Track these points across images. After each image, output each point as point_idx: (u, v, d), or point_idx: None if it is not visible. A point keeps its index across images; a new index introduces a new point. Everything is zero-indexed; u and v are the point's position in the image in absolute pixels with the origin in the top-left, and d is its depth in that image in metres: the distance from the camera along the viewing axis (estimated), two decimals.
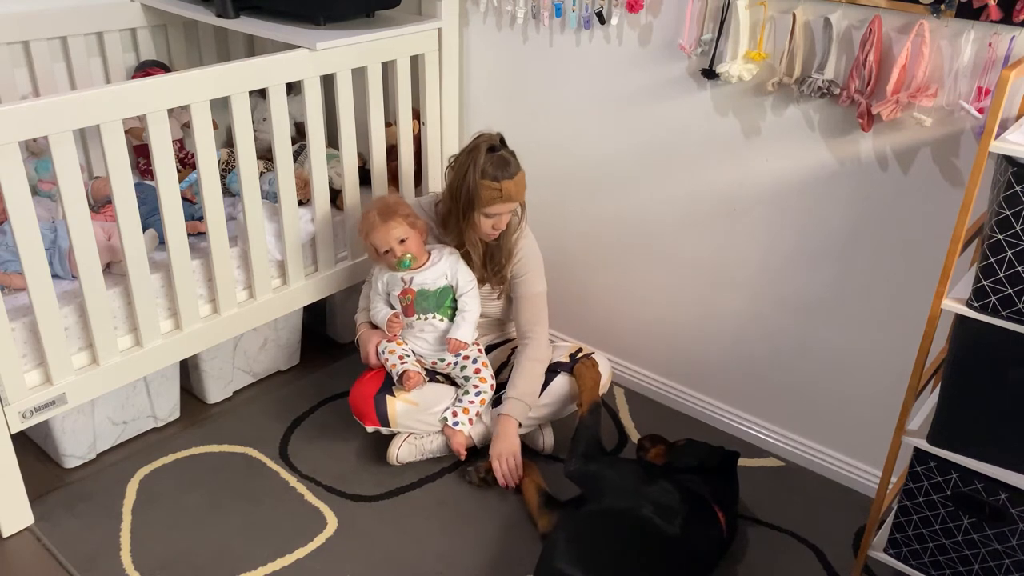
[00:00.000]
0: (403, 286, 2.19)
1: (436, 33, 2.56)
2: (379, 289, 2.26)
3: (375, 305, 2.28)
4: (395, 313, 2.22)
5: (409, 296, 2.19)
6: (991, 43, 1.71)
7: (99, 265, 2.01)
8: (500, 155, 2.10)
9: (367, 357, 2.27)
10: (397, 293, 2.21)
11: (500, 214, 2.14)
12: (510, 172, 2.10)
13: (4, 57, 2.48)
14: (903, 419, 1.76)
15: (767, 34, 2.04)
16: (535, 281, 2.28)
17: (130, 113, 1.94)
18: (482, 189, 2.08)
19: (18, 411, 1.96)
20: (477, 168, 2.07)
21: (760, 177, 2.19)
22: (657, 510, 1.88)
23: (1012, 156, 1.47)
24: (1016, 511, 1.67)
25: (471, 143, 2.12)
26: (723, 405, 2.51)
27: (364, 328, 2.32)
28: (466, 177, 2.08)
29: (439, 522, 2.13)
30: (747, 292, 2.33)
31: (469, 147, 2.12)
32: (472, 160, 2.08)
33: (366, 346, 2.27)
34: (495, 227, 2.16)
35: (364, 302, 2.38)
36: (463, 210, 2.12)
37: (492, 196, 2.09)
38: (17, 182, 1.80)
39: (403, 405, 2.21)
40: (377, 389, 2.22)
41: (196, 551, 2.02)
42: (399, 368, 2.18)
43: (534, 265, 2.28)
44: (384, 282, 2.25)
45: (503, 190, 2.09)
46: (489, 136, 2.12)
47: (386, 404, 2.20)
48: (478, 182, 2.07)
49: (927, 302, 1.76)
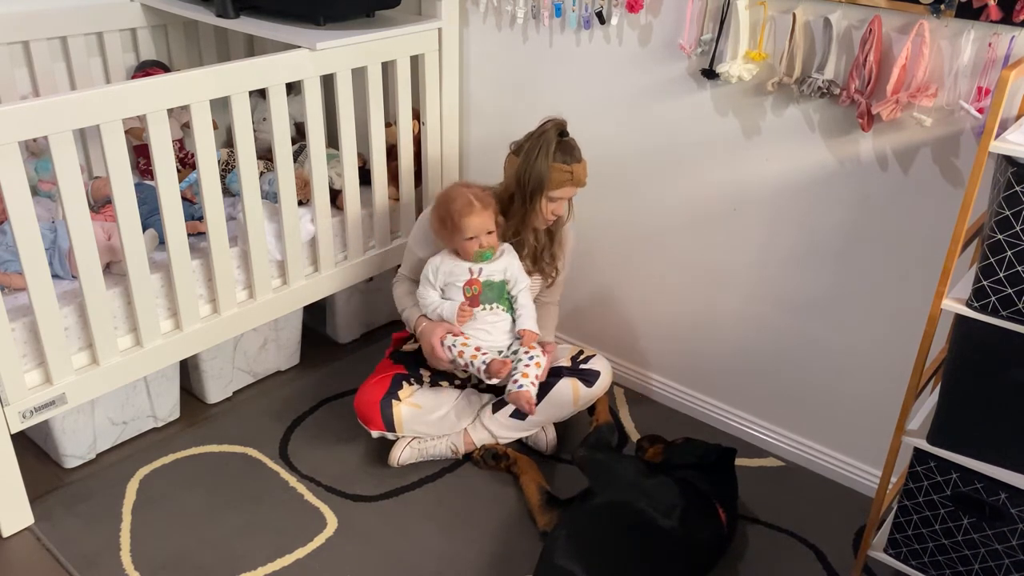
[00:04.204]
0: (469, 276, 2.16)
1: (436, 33, 2.56)
2: (431, 279, 2.20)
3: (427, 295, 2.21)
4: (463, 303, 2.18)
5: (475, 287, 2.17)
6: (991, 43, 1.71)
7: (99, 265, 2.01)
8: (569, 140, 2.13)
9: (432, 351, 2.18)
10: (462, 283, 2.17)
11: (563, 199, 2.16)
12: (578, 156, 2.14)
13: (4, 57, 2.48)
14: (903, 419, 1.76)
15: (767, 34, 2.04)
16: (567, 267, 2.39)
17: (130, 113, 1.94)
18: (553, 172, 2.09)
19: (18, 411, 1.96)
20: (549, 151, 2.08)
21: (760, 177, 2.19)
22: (655, 504, 1.89)
23: (1012, 156, 1.47)
24: (1016, 511, 1.67)
25: (539, 128, 2.12)
26: (723, 405, 2.51)
27: (423, 321, 2.23)
28: (536, 160, 2.08)
29: (439, 522, 2.13)
30: (747, 292, 2.33)
31: (537, 132, 2.12)
32: (543, 143, 2.08)
33: (430, 339, 2.18)
34: (555, 212, 2.17)
35: (406, 291, 2.33)
36: (530, 194, 2.12)
37: (563, 179, 2.10)
38: (17, 182, 1.80)
39: (409, 410, 2.21)
40: (383, 394, 2.21)
41: (196, 551, 2.02)
42: (482, 359, 2.15)
43: (570, 254, 2.39)
44: (442, 271, 2.19)
45: (574, 173, 2.11)
46: (557, 121, 2.12)
47: (392, 409, 2.19)
48: (550, 165, 2.08)
49: (927, 302, 1.76)
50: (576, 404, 2.28)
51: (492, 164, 2.77)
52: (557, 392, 2.26)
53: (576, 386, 2.27)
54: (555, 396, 2.26)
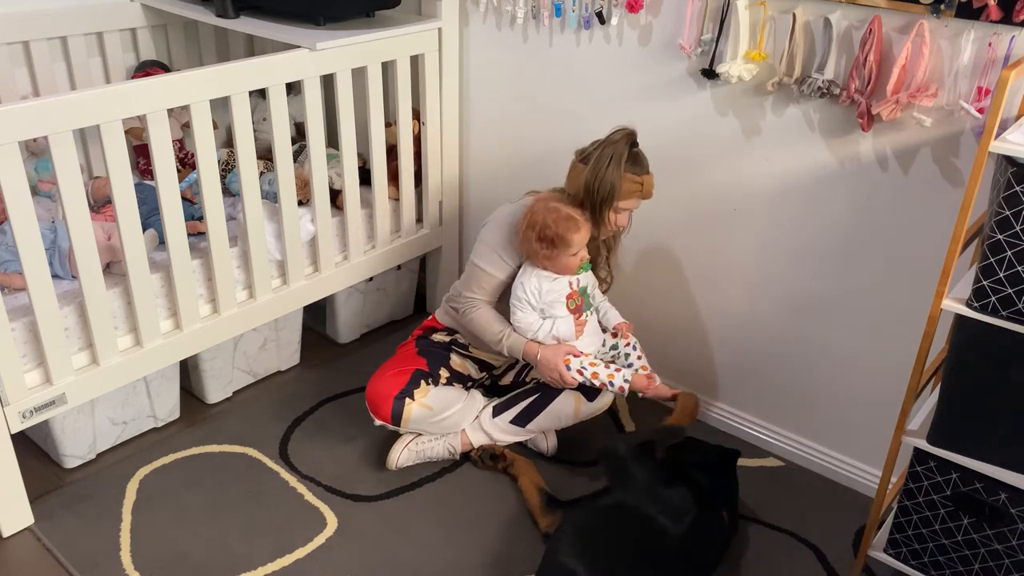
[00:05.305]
0: (570, 289, 2.15)
1: (436, 33, 2.56)
2: (533, 302, 2.14)
3: (530, 318, 2.15)
4: (576, 318, 2.18)
5: (577, 299, 2.17)
6: (991, 43, 1.71)
7: (99, 265, 2.01)
8: (638, 151, 2.10)
9: (561, 378, 2.15)
10: (564, 297, 2.15)
11: (629, 210, 2.15)
12: (647, 168, 2.12)
13: (4, 57, 2.48)
14: (903, 419, 1.76)
15: (767, 34, 2.04)
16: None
17: (130, 113, 1.94)
18: (625, 182, 2.06)
19: (18, 411, 1.96)
20: (620, 162, 2.05)
21: (760, 177, 2.19)
22: (666, 511, 1.89)
23: (1012, 156, 1.47)
24: (1016, 511, 1.67)
25: (608, 136, 2.08)
26: (723, 405, 2.51)
27: (535, 347, 2.16)
28: (608, 169, 2.05)
29: (439, 522, 2.13)
30: (747, 292, 2.33)
31: (607, 141, 2.08)
32: (615, 152, 2.05)
33: (556, 367, 2.13)
34: (619, 223, 2.15)
35: (493, 316, 2.21)
36: (600, 203, 2.08)
37: (632, 190, 2.08)
38: (17, 182, 1.80)
39: (420, 410, 2.19)
40: (399, 390, 2.18)
41: (196, 551, 2.02)
42: (624, 374, 2.15)
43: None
44: (543, 291, 2.13)
45: (643, 185, 2.09)
46: (628, 131, 2.08)
47: (403, 406, 2.18)
48: (622, 175, 2.05)
49: (927, 302, 1.76)
50: (576, 417, 2.28)
51: (492, 164, 2.78)
52: (560, 403, 2.26)
53: (578, 400, 2.26)
54: (556, 408, 2.26)
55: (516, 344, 2.18)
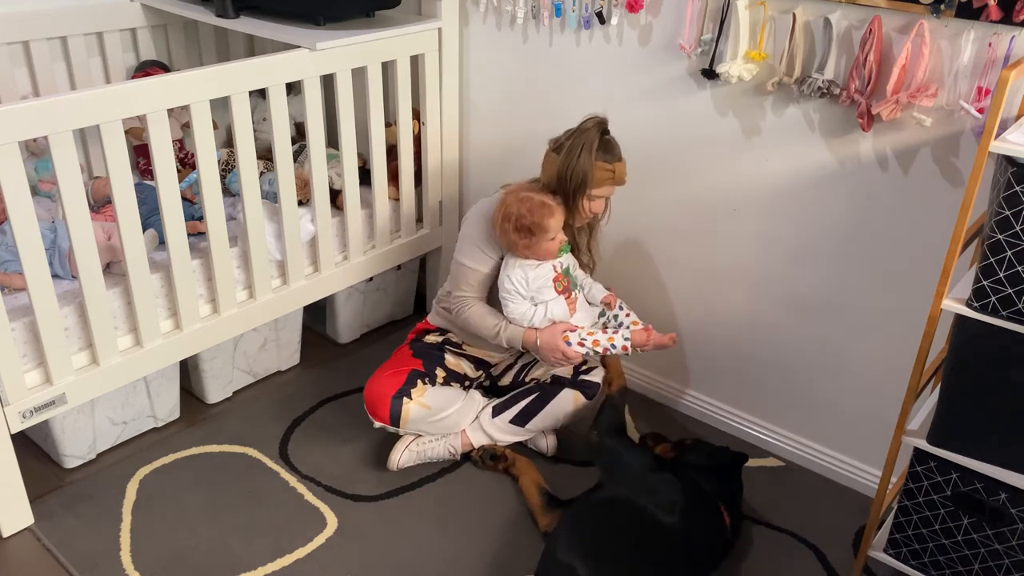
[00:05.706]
0: (555, 272, 2.17)
1: (436, 33, 2.56)
2: (522, 292, 2.15)
3: (519, 306, 2.16)
4: (565, 298, 2.19)
5: (563, 280, 2.18)
6: (991, 43, 1.71)
7: (99, 265, 2.01)
8: (610, 138, 2.11)
9: (564, 357, 2.16)
10: (551, 281, 2.16)
11: (603, 197, 2.15)
12: (619, 155, 2.12)
13: (4, 57, 2.48)
14: (903, 419, 1.76)
15: (767, 34, 2.04)
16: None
17: (130, 113, 1.94)
18: (596, 170, 2.07)
19: (18, 411, 1.96)
20: (592, 150, 2.05)
21: (760, 177, 2.19)
22: (657, 500, 1.89)
23: (1012, 156, 1.47)
24: (1016, 511, 1.67)
25: (580, 125, 2.09)
26: (723, 405, 2.51)
27: (534, 334, 2.17)
28: (579, 158, 2.05)
29: (439, 522, 2.13)
30: (747, 292, 2.33)
31: (578, 129, 2.08)
32: (586, 141, 2.06)
33: (556, 346, 2.14)
34: (593, 210, 2.16)
35: (486, 311, 2.23)
36: (572, 192, 2.10)
37: (604, 177, 2.09)
38: (17, 182, 1.80)
39: (418, 410, 2.19)
40: (396, 390, 2.18)
41: (196, 551, 2.02)
42: (623, 334, 2.16)
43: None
44: (530, 279, 2.14)
45: (615, 172, 2.10)
46: (599, 119, 2.09)
47: (401, 406, 2.18)
48: (593, 163, 2.06)
49: (927, 302, 1.76)
50: (576, 416, 2.28)
51: (492, 163, 2.78)
52: (559, 402, 2.26)
53: (577, 398, 2.27)
54: (555, 407, 2.26)
55: (514, 335, 2.19)
